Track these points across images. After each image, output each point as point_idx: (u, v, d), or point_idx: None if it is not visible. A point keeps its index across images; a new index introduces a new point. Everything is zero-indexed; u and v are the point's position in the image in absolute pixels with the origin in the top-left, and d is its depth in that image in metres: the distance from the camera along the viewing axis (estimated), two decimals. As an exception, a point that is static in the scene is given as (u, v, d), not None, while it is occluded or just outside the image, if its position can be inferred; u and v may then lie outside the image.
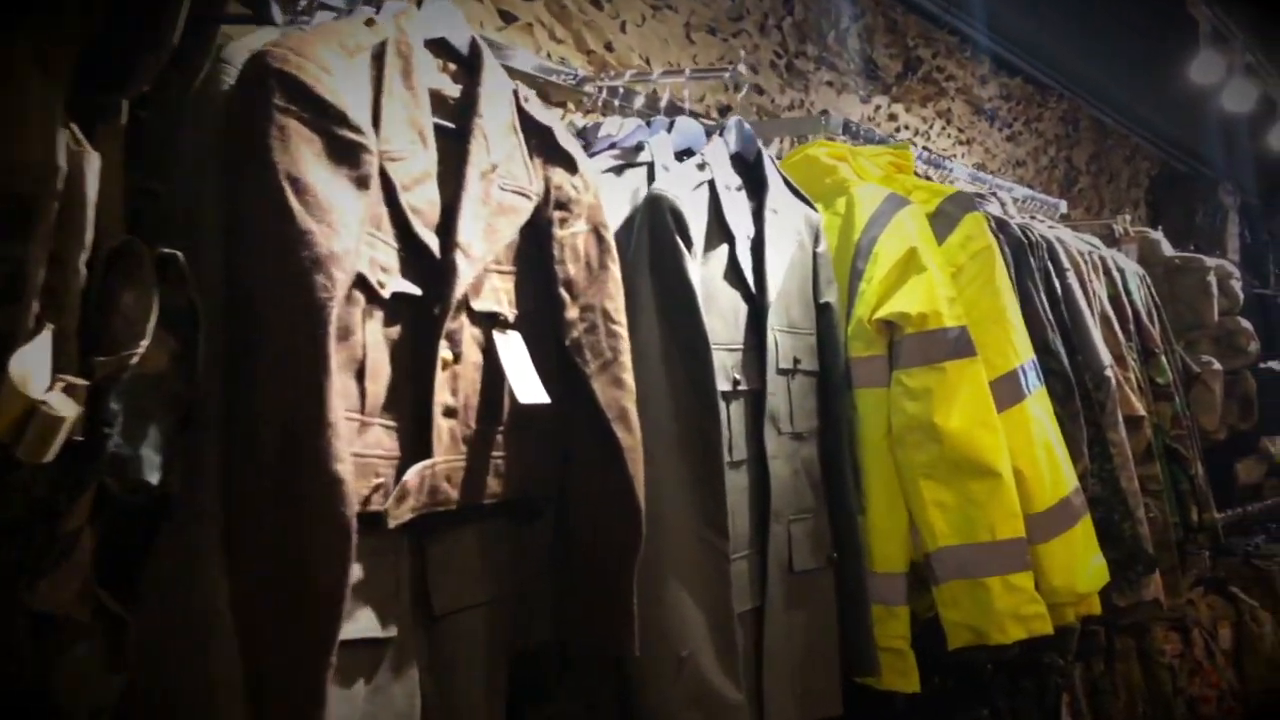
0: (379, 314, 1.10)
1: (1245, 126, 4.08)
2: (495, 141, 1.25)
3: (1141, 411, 2.45)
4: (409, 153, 1.15)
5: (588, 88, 1.99)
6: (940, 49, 3.06)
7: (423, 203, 1.16)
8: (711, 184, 1.63)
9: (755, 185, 1.75)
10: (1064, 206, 3.08)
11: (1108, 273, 2.67)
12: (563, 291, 1.30)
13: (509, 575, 1.28)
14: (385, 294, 1.10)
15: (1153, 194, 4.69)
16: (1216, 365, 3.11)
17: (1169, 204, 4.63)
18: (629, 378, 1.32)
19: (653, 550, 1.33)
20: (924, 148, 2.54)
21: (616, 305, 1.35)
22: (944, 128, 3.11)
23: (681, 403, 1.48)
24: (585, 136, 1.72)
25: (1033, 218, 2.74)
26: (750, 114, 2.51)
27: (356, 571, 1.03)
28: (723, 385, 1.57)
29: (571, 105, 2.03)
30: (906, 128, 2.93)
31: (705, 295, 1.56)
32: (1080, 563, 1.88)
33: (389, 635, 1.10)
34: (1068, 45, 3.54)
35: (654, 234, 1.47)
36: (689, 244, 1.52)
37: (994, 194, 2.56)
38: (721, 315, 1.60)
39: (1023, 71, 3.51)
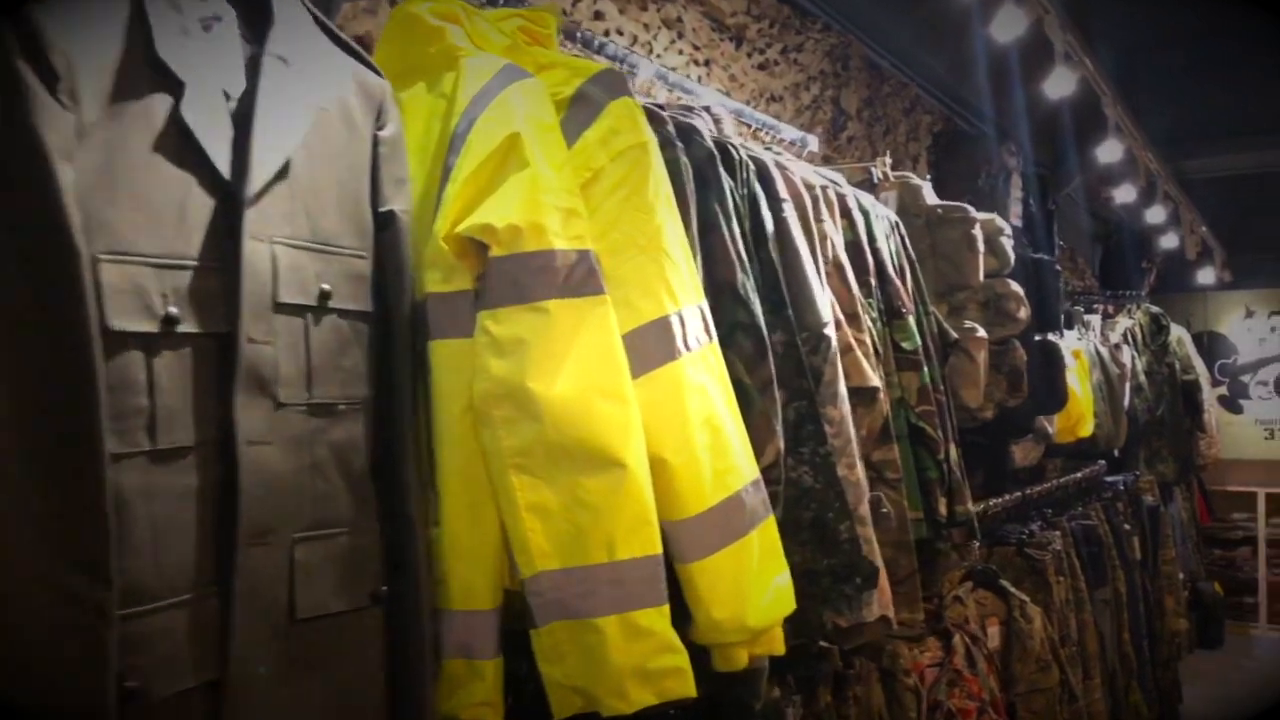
0: None
1: (1034, 90, 3.75)
2: None
3: (876, 382, 1.97)
4: None
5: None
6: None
7: None
8: (140, 5, 1.01)
9: (255, 21, 1.14)
10: (814, 143, 2.59)
11: (847, 214, 2.18)
12: None
13: None
14: None
15: (935, 153, 4.33)
16: (981, 332, 2.70)
17: (952, 163, 4.29)
18: None
19: None
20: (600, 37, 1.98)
21: None
22: (673, 41, 2.57)
23: (12, 350, 0.86)
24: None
25: (768, 149, 2.24)
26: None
27: None
28: (135, 322, 0.95)
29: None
30: (620, 33, 2.37)
31: (103, 168, 0.94)
32: (755, 585, 1.35)
33: None
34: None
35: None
36: (51, 78, 0.90)
37: (707, 109, 2.02)
38: (146, 207, 0.98)
39: (779, -11, 3.03)
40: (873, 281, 2.17)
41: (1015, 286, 2.93)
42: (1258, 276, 7.97)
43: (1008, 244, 2.93)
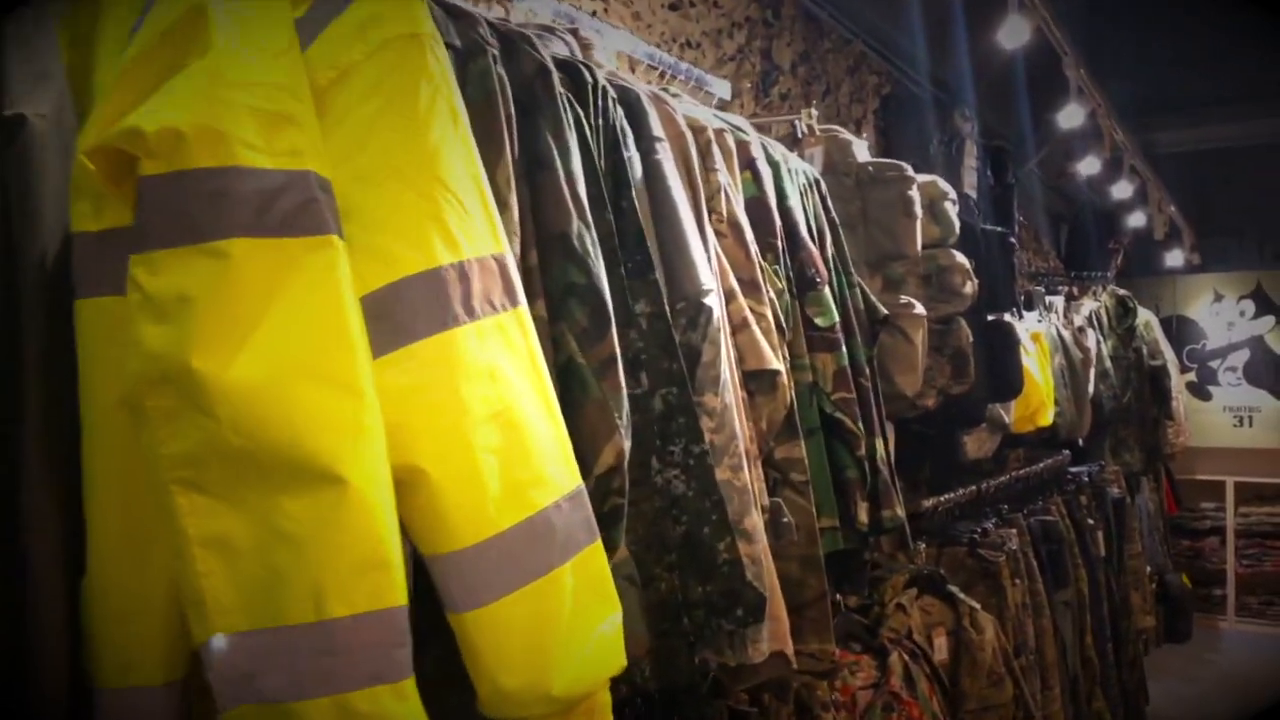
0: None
1: (990, 47, 3.40)
2: None
3: (776, 364, 1.61)
4: None
5: None
6: None
7: None
8: None
9: None
10: (723, 88, 2.22)
11: (750, 165, 1.82)
12: None
13: None
14: None
15: (884, 118, 3.98)
16: (919, 309, 2.35)
17: (902, 130, 3.93)
18: None
19: None
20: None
21: None
22: (558, -33, 2.19)
23: None
24: None
25: (666, 89, 1.87)
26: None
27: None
28: None
29: None
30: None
31: None
32: (565, 638, 0.98)
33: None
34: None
35: None
36: None
37: (574, 32, 1.65)
38: None
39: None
40: (780, 245, 1.81)
41: (960, 258, 2.58)
42: (1227, 260, 7.72)
43: (952, 210, 2.58)
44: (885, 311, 2.10)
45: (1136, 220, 6.06)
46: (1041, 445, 4.76)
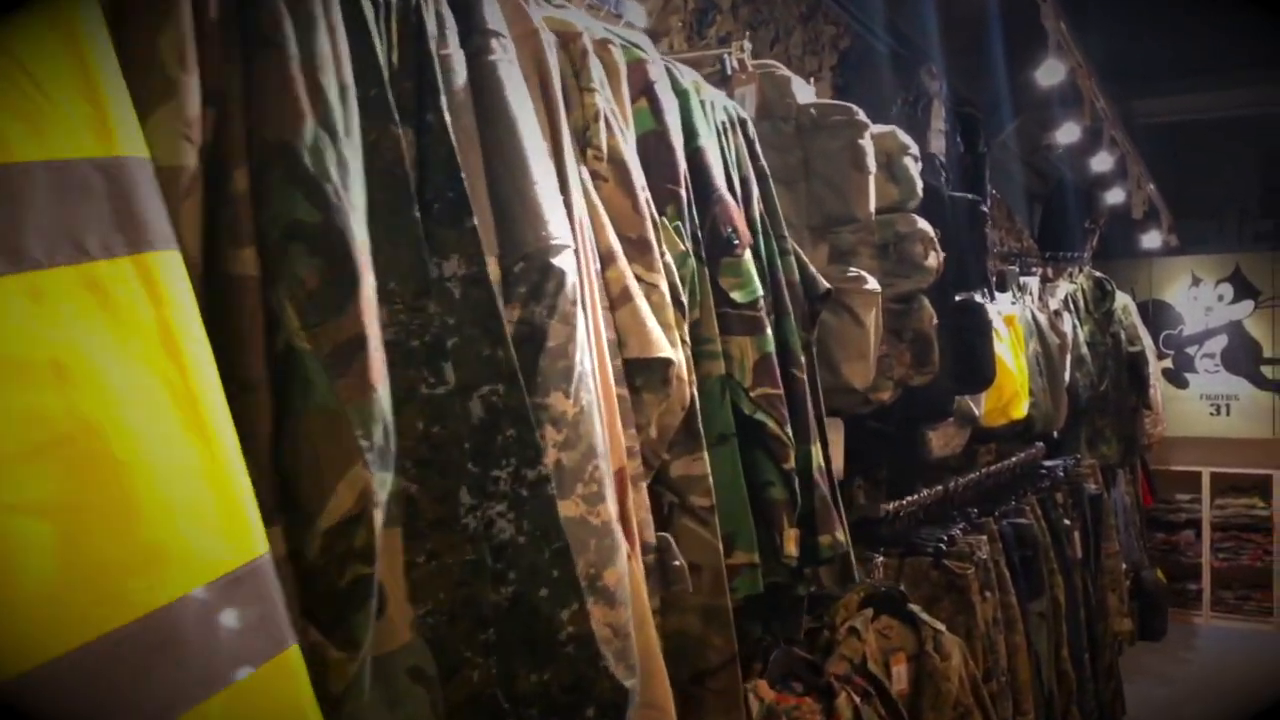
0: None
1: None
2: None
3: (667, 351, 1.18)
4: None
5: None
6: None
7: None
8: None
9: None
10: (634, 11, 1.79)
11: (647, 90, 1.39)
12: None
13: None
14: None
15: (844, 75, 3.55)
16: (872, 284, 1.93)
17: (862, 89, 3.51)
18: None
19: None
20: None
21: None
22: None
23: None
24: None
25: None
26: None
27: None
28: None
29: None
30: None
31: None
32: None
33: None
34: None
35: None
36: None
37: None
38: None
39: None
40: (685, 196, 1.38)
41: (924, 225, 2.16)
42: (1205, 241, 7.40)
43: (914, 167, 2.16)
44: (827, 285, 1.68)
45: (1115, 197, 5.69)
46: (1014, 439, 4.38)
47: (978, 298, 3.34)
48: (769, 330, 1.44)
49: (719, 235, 1.41)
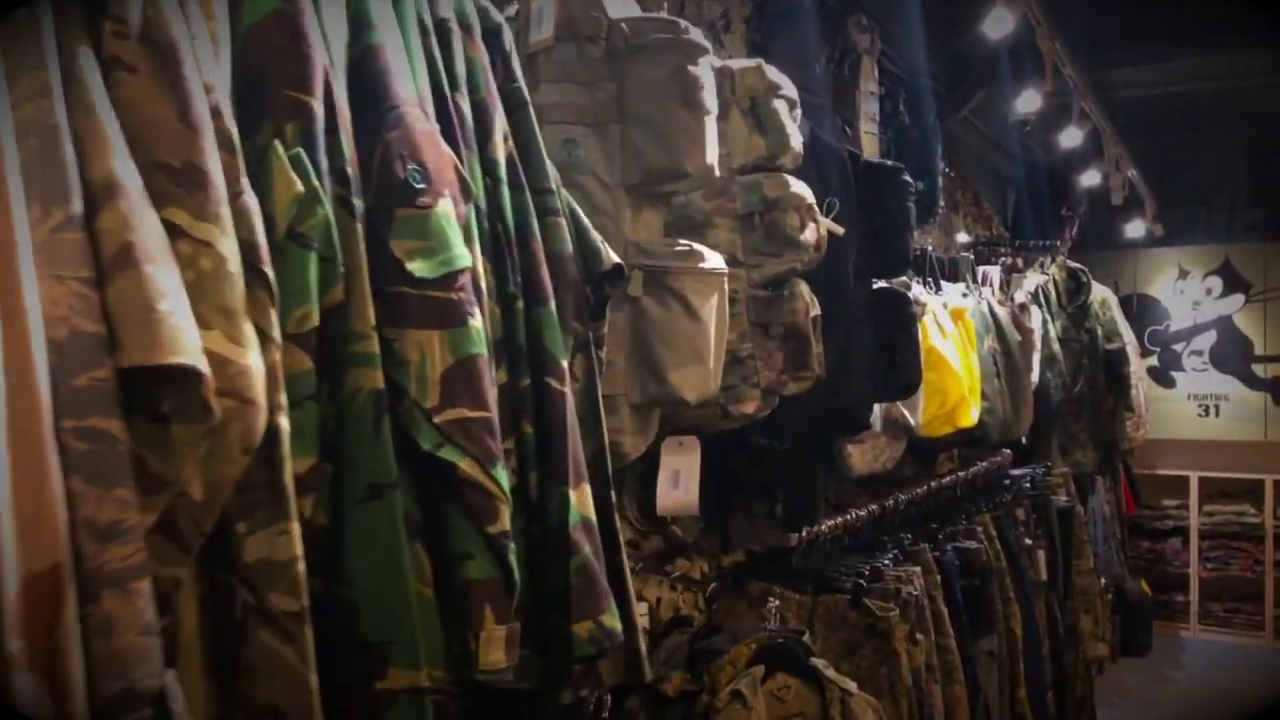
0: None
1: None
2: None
3: (187, 356, 0.69)
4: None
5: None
6: None
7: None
8: None
9: None
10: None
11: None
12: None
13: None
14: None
15: (763, 29, 3.05)
16: (711, 262, 1.44)
17: (784, 44, 3.01)
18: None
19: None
20: None
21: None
22: None
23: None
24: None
25: None
26: None
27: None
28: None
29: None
30: None
31: None
32: None
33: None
34: None
35: None
36: None
37: None
38: None
39: None
40: (316, 110, 0.89)
41: (799, 187, 1.66)
42: (1192, 231, 6.93)
43: (786, 112, 1.66)
44: (616, 260, 1.18)
45: (1091, 180, 5.20)
46: (976, 445, 3.89)
47: (916, 289, 2.86)
48: (477, 321, 0.95)
49: (391, 175, 0.92)
